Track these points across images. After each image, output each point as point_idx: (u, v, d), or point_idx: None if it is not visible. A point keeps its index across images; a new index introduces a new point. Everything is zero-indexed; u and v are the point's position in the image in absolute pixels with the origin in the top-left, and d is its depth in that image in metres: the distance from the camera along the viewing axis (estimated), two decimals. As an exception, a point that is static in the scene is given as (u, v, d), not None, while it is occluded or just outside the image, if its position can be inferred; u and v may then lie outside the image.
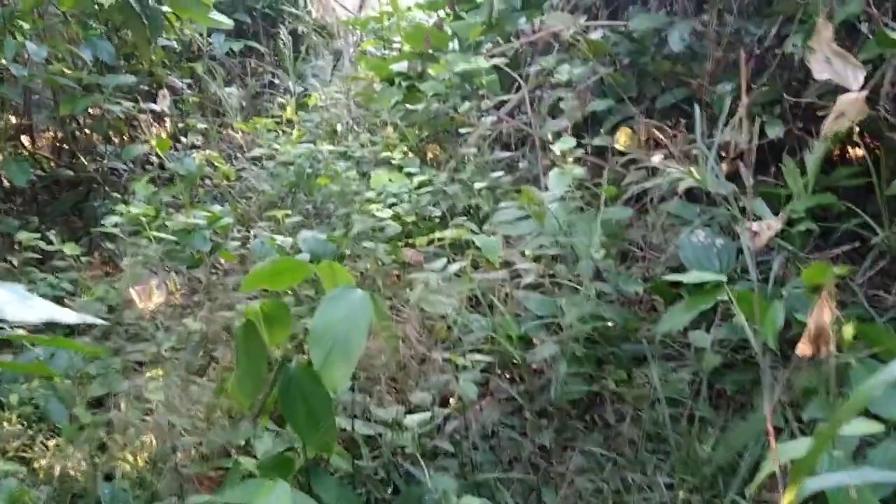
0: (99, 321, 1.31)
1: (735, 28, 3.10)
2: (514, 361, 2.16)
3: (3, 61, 3.02)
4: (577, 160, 2.43)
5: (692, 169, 2.23)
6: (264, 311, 1.65)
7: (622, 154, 2.93)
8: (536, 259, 2.51)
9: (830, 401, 1.64)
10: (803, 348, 1.50)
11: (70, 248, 2.48)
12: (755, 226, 2.30)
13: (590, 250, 2.23)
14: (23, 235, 2.56)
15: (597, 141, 2.69)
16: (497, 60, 2.99)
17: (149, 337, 2.39)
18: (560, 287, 2.49)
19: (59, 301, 2.44)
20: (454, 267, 2.56)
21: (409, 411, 1.86)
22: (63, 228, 3.60)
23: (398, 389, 2.02)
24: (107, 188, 3.39)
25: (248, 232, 3.66)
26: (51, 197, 3.52)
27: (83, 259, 2.95)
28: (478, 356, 1.92)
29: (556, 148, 2.29)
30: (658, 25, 3.13)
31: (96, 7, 3.01)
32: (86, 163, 3.50)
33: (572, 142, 2.30)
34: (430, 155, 4.11)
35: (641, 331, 2.31)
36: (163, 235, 2.53)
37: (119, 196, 3.16)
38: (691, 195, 2.60)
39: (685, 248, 2.34)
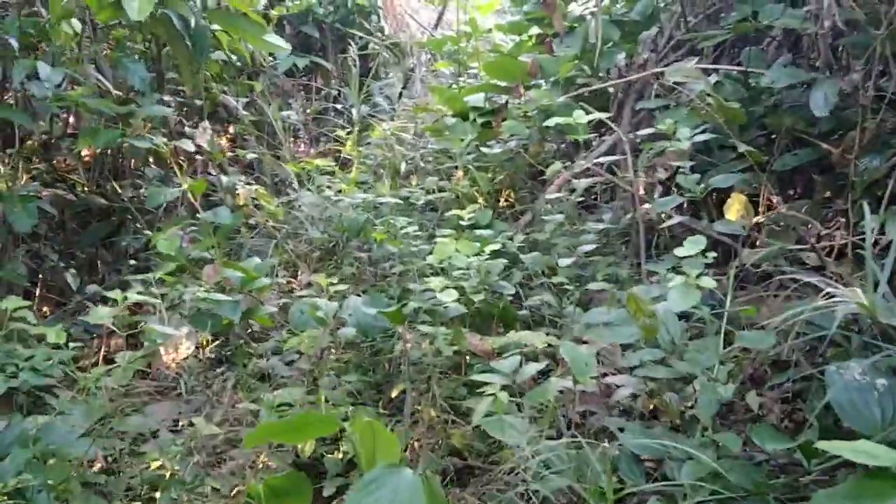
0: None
1: (893, 93, 2.55)
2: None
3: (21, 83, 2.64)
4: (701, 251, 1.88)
5: (857, 290, 1.69)
6: (273, 486, 1.18)
7: (750, 238, 2.40)
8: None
9: None
10: None
11: (57, 336, 2.01)
12: (938, 372, 1.74)
13: (714, 384, 1.71)
14: (9, 303, 2.07)
15: (719, 227, 2.15)
16: (597, 115, 2.47)
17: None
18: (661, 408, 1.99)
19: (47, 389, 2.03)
20: (530, 369, 2.08)
21: None
22: (92, 259, 3.25)
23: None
24: (139, 224, 3.00)
25: (296, 278, 3.26)
26: (81, 224, 3.15)
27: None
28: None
29: (681, 252, 1.77)
30: (799, 81, 2.58)
31: (138, 22, 2.61)
32: (119, 190, 3.12)
33: (702, 242, 1.77)
34: (503, 202, 3.63)
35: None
36: (159, 329, 2.10)
37: (150, 234, 2.76)
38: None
39: (835, 385, 1.79)
